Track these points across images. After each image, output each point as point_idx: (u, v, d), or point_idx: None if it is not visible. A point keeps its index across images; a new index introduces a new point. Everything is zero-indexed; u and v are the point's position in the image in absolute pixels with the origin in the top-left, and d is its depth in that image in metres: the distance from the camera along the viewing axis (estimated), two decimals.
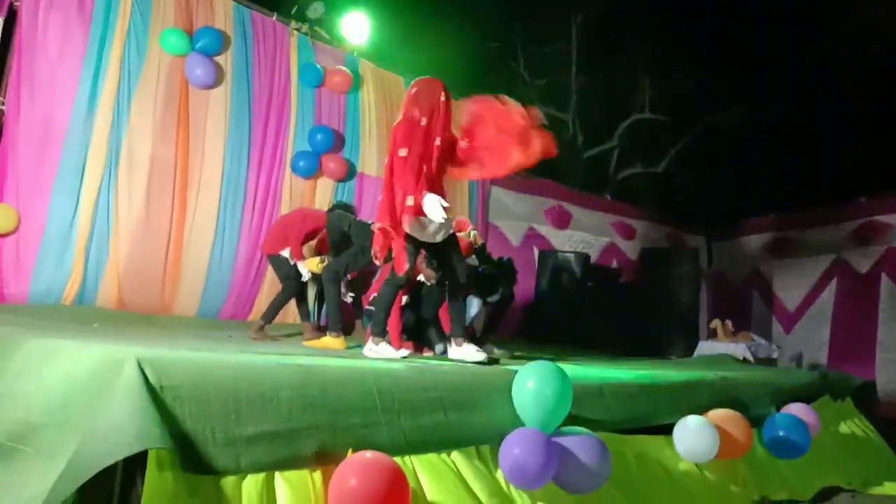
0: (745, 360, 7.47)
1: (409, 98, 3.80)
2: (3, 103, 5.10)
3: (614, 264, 10.06)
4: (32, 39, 5.15)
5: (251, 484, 2.04)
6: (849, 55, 12.16)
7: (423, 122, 3.68)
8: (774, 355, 8.28)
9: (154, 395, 2.03)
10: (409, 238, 3.72)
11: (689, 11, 12.77)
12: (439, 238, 3.81)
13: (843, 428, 4.70)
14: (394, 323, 4.44)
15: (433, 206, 3.57)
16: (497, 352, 4.98)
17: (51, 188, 5.20)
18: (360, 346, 4.85)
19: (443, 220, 3.64)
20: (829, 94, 12.62)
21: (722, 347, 7.90)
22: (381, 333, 3.89)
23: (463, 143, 3.80)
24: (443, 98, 3.75)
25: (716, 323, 8.52)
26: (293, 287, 5.41)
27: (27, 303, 5.03)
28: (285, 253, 5.38)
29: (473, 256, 5.16)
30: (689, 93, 13.50)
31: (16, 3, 5.17)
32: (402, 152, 3.65)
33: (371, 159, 7.25)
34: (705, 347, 8.13)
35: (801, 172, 12.84)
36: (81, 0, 5.39)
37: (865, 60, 12.06)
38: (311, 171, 6.65)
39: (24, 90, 5.09)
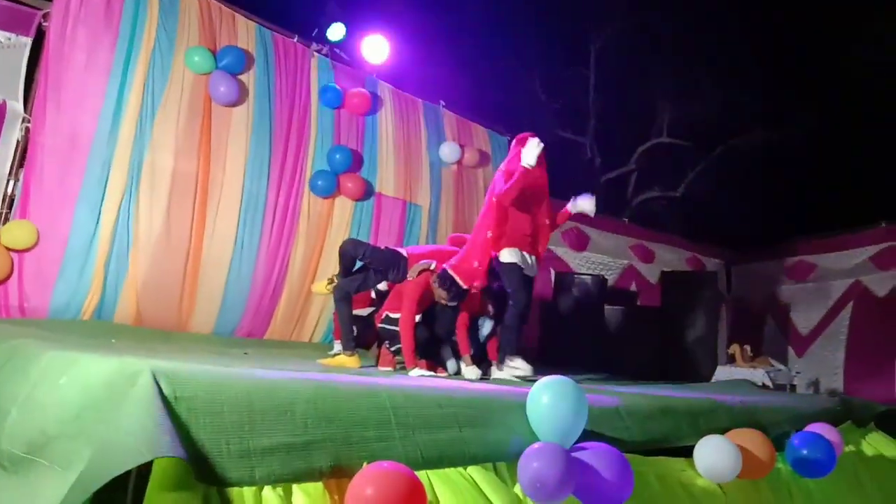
0: (763, 386, 7.36)
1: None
2: (29, 120, 5.19)
3: (633, 287, 9.99)
4: (59, 56, 5.24)
5: (270, 495, 2.03)
6: (873, 76, 12.06)
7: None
8: (794, 381, 8.16)
9: (168, 405, 2.03)
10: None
11: (709, 35, 12.76)
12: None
13: (869, 450, 4.60)
14: (408, 341, 4.44)
15: None
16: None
17: (74, 202, 5.26)
18: (374, 364, 4.89)
19: None
20: (850, 117, 12.52)
21: (741, 373, 7.79)
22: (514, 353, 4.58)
23: None
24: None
25: (734, 348, 8.41)
26: None
27: (47, 317, 5.07)
28: None
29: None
30: (709, 117, 13.47)
31: (44, 24, 5.29)
32: None
33: (388, 179, 7.30)
34: (724, 373, 8.02)
35: (822, 196, 12.73)
36: (108, 18, 5.48)
37: (891, 83, 11.93)
38: (330, 190, 6.69)
39: (51, 106, 5.17)
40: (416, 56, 9.04)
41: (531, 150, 4.58)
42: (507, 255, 4.66)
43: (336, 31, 7.09)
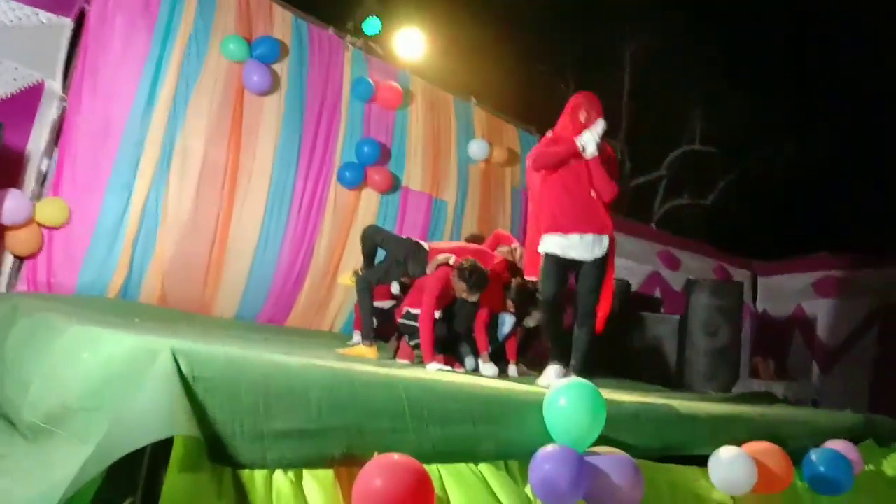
0: (785, 400, 7.27)
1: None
2: (65, 100, 5.27)
3: (657, 293, 9.90)
4: (98, 40, 5.32)
5: (281, 479, 2.05)
6: None
7: None
8: (816, 397, 8.05)
9: (186, 385, 2.05)
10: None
11: (745, 45, 12.61)
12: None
13: (890, 470, 4.49)
14: (427, 336, 4.43)
15: None
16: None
17: (105, 183, 5.33)
18: (392, 357, 4.89)
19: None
20: (885, 132, 12.28)
21: (762, 386, 7.70)
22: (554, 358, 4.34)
23: None
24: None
25: (757, 361, 8.32)
26: None
27: (73, 293, 5.16)
28: None
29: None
30: (742, 127, 13.31)
31: (86, 7, 5.37)
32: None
33: (416, 174, 7.30)
34: (745, 385, 7.94)
35: (852, 211, 12.51)
36: (147, 5, 5.55)
37: None
38: (357, 182, 6.72)
39: (87, 88, 5.25)
40: (450, 53, 9.04)
41: (593, 135, 4.18)
42: (542, 245, 4.14)
43: (371, 25, 7.12)
